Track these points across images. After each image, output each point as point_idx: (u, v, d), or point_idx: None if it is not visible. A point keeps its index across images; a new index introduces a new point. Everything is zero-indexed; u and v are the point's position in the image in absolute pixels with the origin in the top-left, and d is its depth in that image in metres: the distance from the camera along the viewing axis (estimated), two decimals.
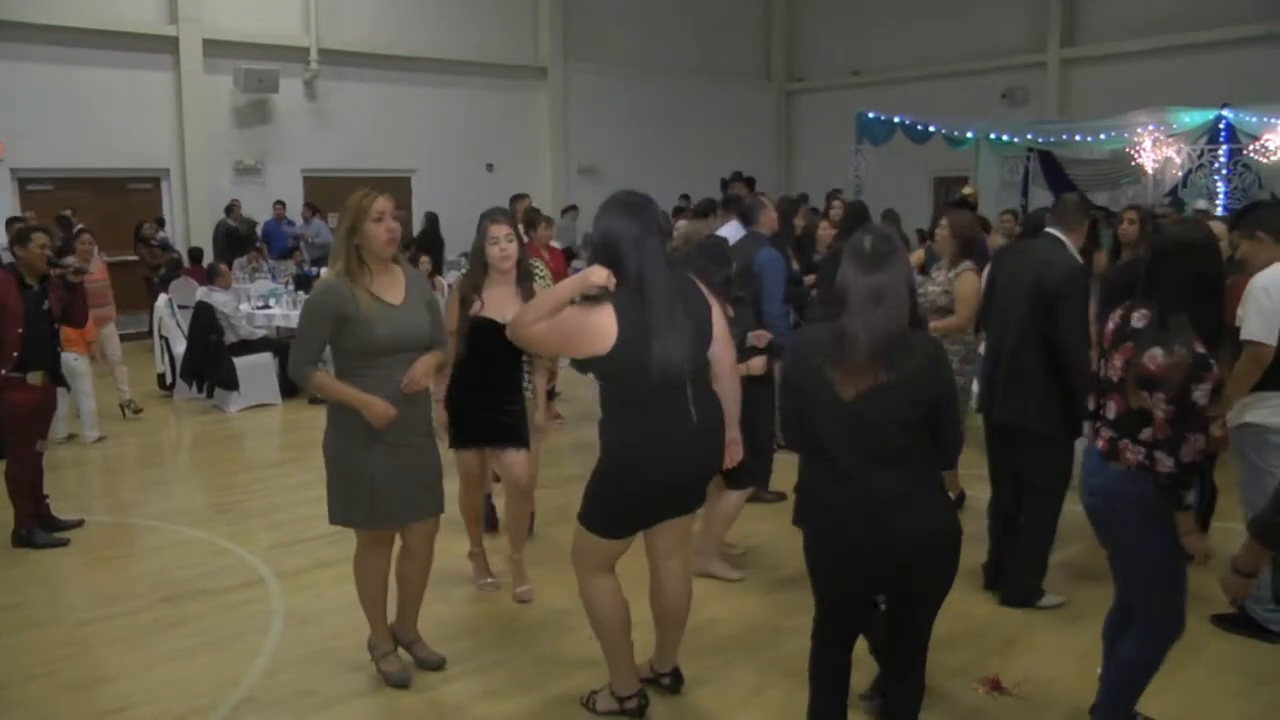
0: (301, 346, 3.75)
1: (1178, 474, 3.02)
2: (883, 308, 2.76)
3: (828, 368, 2.82)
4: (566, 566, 3.68)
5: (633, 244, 3.20)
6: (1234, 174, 12.15)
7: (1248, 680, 4.03)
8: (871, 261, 2.79)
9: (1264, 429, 4.12)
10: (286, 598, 4.92)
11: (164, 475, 7.50)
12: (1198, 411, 2.98)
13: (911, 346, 2.81)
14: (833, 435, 2.84)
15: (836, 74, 19.91)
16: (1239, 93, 12.54)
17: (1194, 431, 3.00)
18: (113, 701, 3.91)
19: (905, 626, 3.03)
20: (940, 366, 2.86)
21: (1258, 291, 4.13)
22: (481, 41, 16.95)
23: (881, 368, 2.75)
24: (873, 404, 2.76)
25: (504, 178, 16.51)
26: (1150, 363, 3.02)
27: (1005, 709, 3.76)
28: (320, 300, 3.67)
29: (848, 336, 2.79)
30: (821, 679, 3.15)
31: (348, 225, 3.61)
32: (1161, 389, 2.99)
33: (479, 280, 4.53)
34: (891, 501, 2.79)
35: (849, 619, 3.09)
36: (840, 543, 2.89)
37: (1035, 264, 4.53)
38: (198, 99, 14.30)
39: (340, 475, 3.76)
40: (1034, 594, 4.66)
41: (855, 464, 2.81)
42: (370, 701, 3.91)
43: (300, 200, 15.32)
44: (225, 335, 9.30)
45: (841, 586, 2.99)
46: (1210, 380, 2.96)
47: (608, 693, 3.70)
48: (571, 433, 8.00)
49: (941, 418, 2.83)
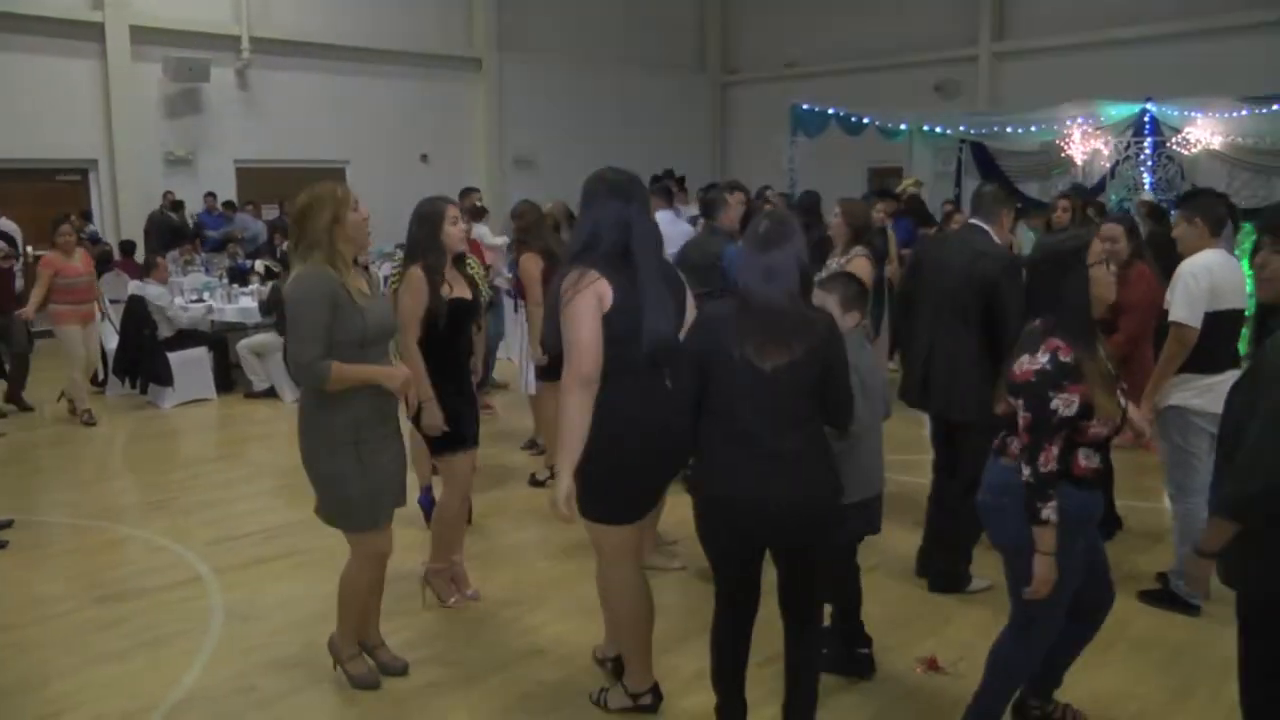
0: (308, 340, 3.46)
1: (1034, 484, 2.94)
2: (774, 284, 3.01)
3: (737, 339, 3.01)
4: (504, 560, 3.69)
5: (625, 223, 3.29)
6: (1158, 165, 12.51)
7: (1170, 652, 4.20)
8: (764, 243, 3.05)
9: (1186, 411, 4.31)
10: (225, 594, 4.86)
11: (97, 473, 7.34)
12: (1059, 421, 2.92)
13: (811, 319, 3.07)
14: (741, 399, 3.04)
15: (771, 66, 20.08)
16: (1162, 87, 12.90)
17: (1052, 442, 2.93)
18: (48, 706, 3.84)
19: (794, 585, 3.22)
20: (835, 337, 3.10)
21: (1185, 276, 4.33)
22: (415, 31, 16.82)
23: (784, 339, 2.97)
24: (790, 374, 2.99)
25: (439, 169, 16.46)
26: (1017, 369, 3.01)
27: (942, 686, 3.86)
28: (315, 288, 3.49)
29: (745, 309, 3.03)
30: (720, 647, 3.31)
31: (330, 216, 3.54)
32: (1021, 395, 2.98)
33: (441, 263, 4.37)
34: (787, 463, 3.01)
35: (744, 582, 3.23)
36: (741, 500, 3.05)
37: (967, 255, 4.52)
38: (126, 88, 13.99)
39: (332, 475, 3.64)
40: (962, 580, 4.73)
41: (761, 426, 3.02)
42: (312, 696, 3.88)
43: (234, 192, 15.06)
44: (159, 329, 9.12)
45: (735, 542, 3.17)
46: (1075, 391, 2.90)
47: (620, 689, 3.70)
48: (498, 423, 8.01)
49: (831, 381, 3.07)
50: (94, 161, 14.20)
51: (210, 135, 15.06)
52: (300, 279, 3.52)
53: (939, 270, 4.66)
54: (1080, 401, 2.92)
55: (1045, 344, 2.96)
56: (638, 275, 3.26)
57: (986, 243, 4.58)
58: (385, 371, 3.66)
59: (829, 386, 3.07)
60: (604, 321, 3.19)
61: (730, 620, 3.30)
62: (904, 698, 3.84)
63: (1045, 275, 3.12)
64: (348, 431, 3.60)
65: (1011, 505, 3.08)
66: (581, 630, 4.37)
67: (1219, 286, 4.26)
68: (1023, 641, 3.24)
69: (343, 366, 3.51)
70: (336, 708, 3.81)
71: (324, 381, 3.48)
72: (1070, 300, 3.02)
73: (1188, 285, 4.30)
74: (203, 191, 14.55)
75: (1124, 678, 3.98)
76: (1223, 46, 14.28)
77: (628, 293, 3.22)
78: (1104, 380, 3.01)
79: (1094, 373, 2.97)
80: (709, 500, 3.16)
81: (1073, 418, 2.93)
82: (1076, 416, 2.93)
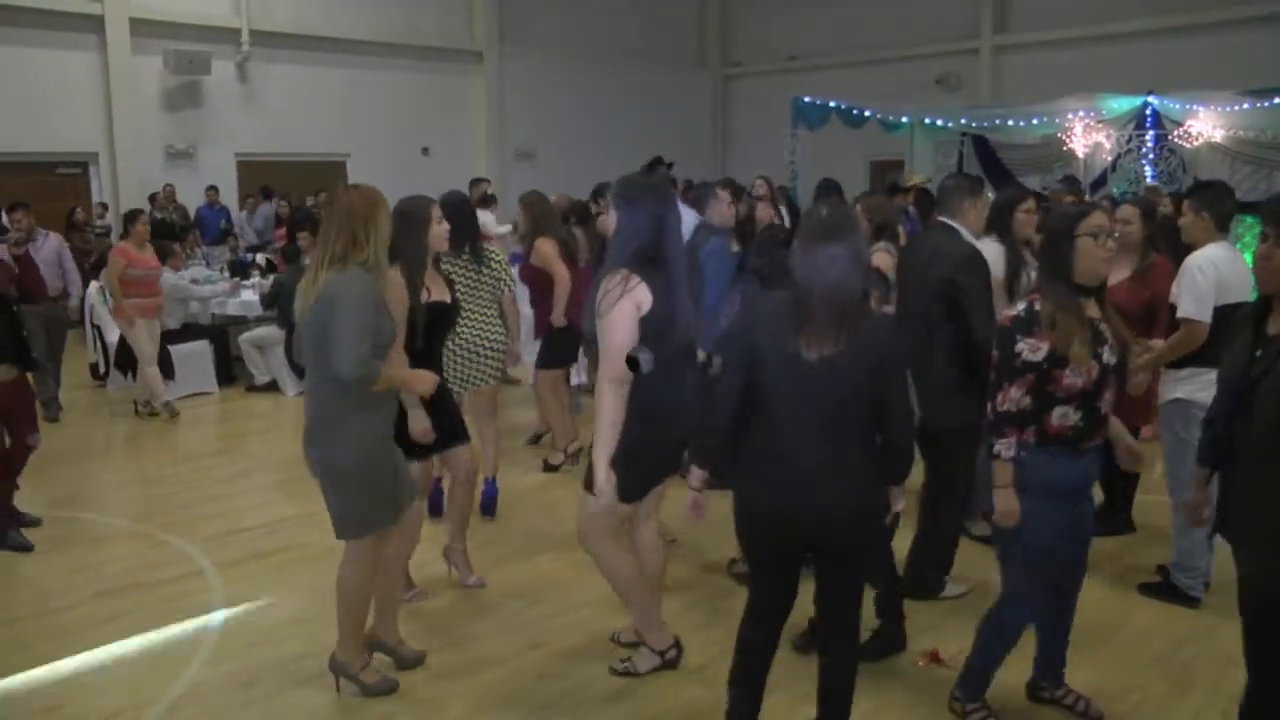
0: (359, 341, 3.39)
1: (992, 421, 3.20)
2: (837, 273, 2.87)
3: (789, 331, 2.92)
4: (508, 552, 3.69)
5: (662, 226, 3.52)
6: (1160, 158, 12.51)
7: (1170, 644, 4.20)
8: (824, 234, 2.91)
9: (1191, 404, 4.28)
10: (226, 589, 4.86)
11: (98, 467, 7.34)
12: (1021, 364, 3.14)
13: (868, 317, 2.98)
14: (782, 397, 2.94)
15: (772, 59, 20.04)
16: (1163, 80, 12.89)
17: (1013, 384, 3.16)
18: (46, 700, 3.84)
19: (828, 590, 3.15)
20: (894, 341, 3.00)
21: (1192, 270, 4.31)
22: (416, 24, 16.79)
23: (840, 331, 2.87)
24: (833, 368, 2.87)
25: (439, 162, 16.43)
26: (1002, 318, 3.31)
27: (945, 679, 3.85)
28: (368, 289, 3.48)
29: (802, 300, 2.91)
30: (747, 649, 3.24)
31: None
32: (996, 338, 3.26)
33: (422, 266, 4.26)
34: (822, 472, 2.91)
35: (777, 584, 3.18)
36: (771, 507, 3.01)
37: (924, 259, 4.36)
38: (126, 81, 13.97)
39: (368, 478, 3.61)
40: (935, 586, 4.59)
41: (796, 430, 2.93)
42: (313, 691, 3.87)
43: (234, 185, 15.04)
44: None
45: (767, 545, 3.13)
46: (1045, 339, 3.11)
47: (644, 652, 3.91)
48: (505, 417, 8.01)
49: (887, 389, 2.92)
50: (94, 154, 14.18)
51: (211, 128, 15.04)
52: (348, 279, 3.45)
53: (910, 272, 4.50)
54: (1049, 349, 3.12)
55: (1029, 297, 3.25)
56: (671, 276, 3.49)
57: (948, 241, 4.35)
58: (418, 375, 3.77)
59: (886, 395, 2.91)
60: (640, 323, 3.40)
61: (759, 620, 3.22)
62: (906, 690, 3.84)
63: (1045, 244, 3.35)
64: (378, 434, 3.62)
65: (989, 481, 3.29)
66: (585, 623, 4.38)
67: (1225, 280, 4.25)
68: (1011, 609, 3.42)
69: (386, 370, 3.57)
70: (337, 702, 3.80)
71: (374, 381, 3.48)
72: (1056, 263, 3.24)
73: (1195, 279, 4.27)
74: (204, 185, 14.52)
75: (1124, 669, 3.98)
76: (1224, 40, 14.26)
77: (662, 295, 3.43)
78: (1082, 331, 3.15)
79: (1071, 324, 3.13)
80: (742, 502, 3.11)
81: (1038, 363, 3.13)
82: (1046, 364, 3.13)
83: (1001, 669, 3.54)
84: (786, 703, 3.51)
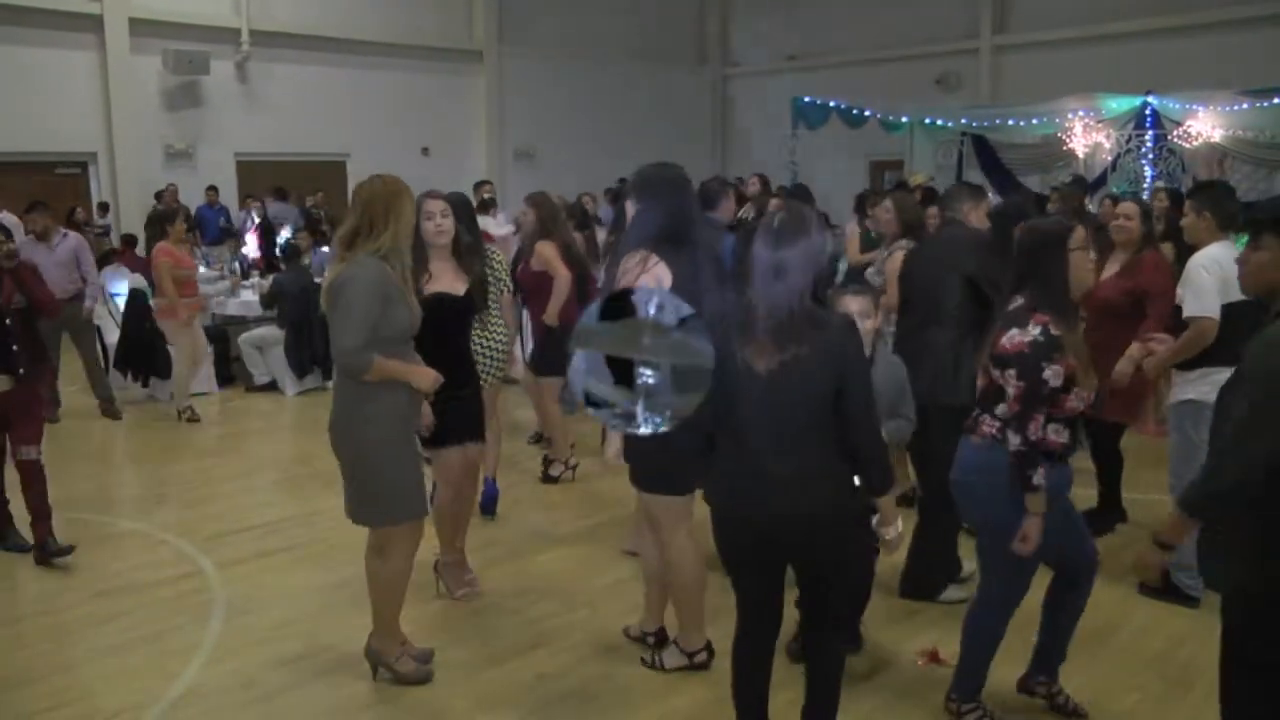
0: (356, 330, 3.46)
1: (1024, 451, 3.12)
2: (782, 282, 2.81)
3: (737, 339, 2.89)
4: (509, 551, 3.69)
5: (685, 212, 3.62)
6: (1160, 158, 12.51)
7: (1169, 643, 4.21)
8: (778, 237, 2.85)
9: (1204, 405, 4.23)
10: (225, 588, 4.86)
11: (98, 467, 7.34)
12: (1049, 392, 3.10)
13: (821, 321, 2.87)
14: (742, 407, 2.89)
15: (772, 59, 20.01)
16: (1163, 80, 12.89)
17: (1041, 410, 3.11)
18: (48, 700, 3.83)
19: (807, 595, 3.11)
20: (851, 339, 2.88)
21: (1196, 269, 4.31)
22: (416, 24, 16.78)
23: (786, 341, 2.80)
24: (783, 379, 2.82)
25: (439, 162, 16.42)
26: (1007, 342, 3.16)
27: (944, 679, 3.84)
28: (374, 279, 3.49)
29: (749, 309, 2.89)
30: (739, 663, 3.20)
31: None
32: (1013, 366, 3.13)
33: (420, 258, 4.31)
34: (786, 481, 2.85)
35: (758, 595, 3.12)
36: (738, 517, 2.98)
37: (938, 252, 4.63)
38: (125, 80, 13.96)
39: (394, 468, 3.64)
40: (936, 588, 4.59)
41: (760, 440, 2.87)
42: (313, 691, 3.88)
43: (234, 185, 15.03)
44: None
45: (741, 555, 3.07)
46: (1061, 363, 3.09)
47: (673, 649, 3.94)
48: (505, 416, 8.00)
49: (846, 390, 2.83)
50: (93, 154, 14.18)
51: (210, 128, 15.03)
52: (354, 267, 3.49)
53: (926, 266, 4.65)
54: (1065, 374, 3.11)
55: (1033, 319, 3.14)
56: (694, 258, 3.53)
57: (968, 230, 4.60)
58: (419, 371, 3.71)
59: (845, 397, 2.83)
60: None
61: (747, 634, 3.17)
62: (906, 690, 3.84)
63: (1030, 254, 3.29)
64: (397, 419, 3.63)
65: (981, 482, 3.28)
66: (586, 622, 4.39)
67: (1229, 278, 4.22)
68: (991, 610, 3.44)
69: (384, 361, 3.54)
70: (337, 701, 3.80)
71: (364, 372, 3.51)
72: (1053, 279, 3.20)
73: (1200, 278, 4.27)
74: (203, 185, 14.49)
75: (1124, 668, 3.98)
76: (1223, 40, 14.25)
77: (685, 274, 3.46)
78: (1080, 355, 3.17)
79: (1074, 347, 3.15)
80: (714, 512, 3.07)
81: (1059, 389, 3.11)
82: (1060, 389, 3.12)
83: (1001, 669, 3.54)
84: (786, 703, 3.50)
